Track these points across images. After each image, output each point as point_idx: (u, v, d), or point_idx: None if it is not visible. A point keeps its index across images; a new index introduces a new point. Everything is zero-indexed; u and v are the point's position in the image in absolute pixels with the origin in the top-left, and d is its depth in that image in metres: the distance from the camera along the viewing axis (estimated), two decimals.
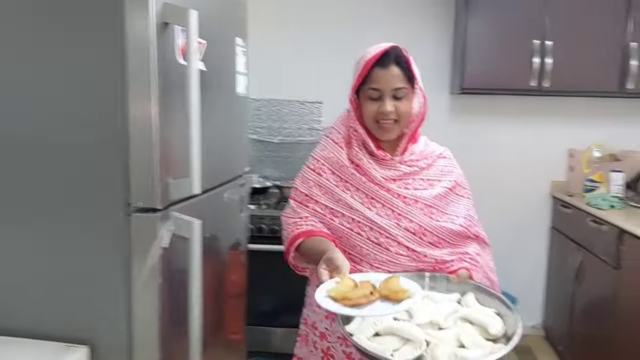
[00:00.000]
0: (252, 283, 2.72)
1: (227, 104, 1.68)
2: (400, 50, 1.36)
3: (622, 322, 2.37)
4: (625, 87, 2.89)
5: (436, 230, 1.38)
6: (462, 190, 1.50)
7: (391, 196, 1.36)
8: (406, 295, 1.08)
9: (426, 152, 1.47)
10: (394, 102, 1.34)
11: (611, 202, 2.75)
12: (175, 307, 1.30)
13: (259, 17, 3.29)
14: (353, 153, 1.39)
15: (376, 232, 1.33)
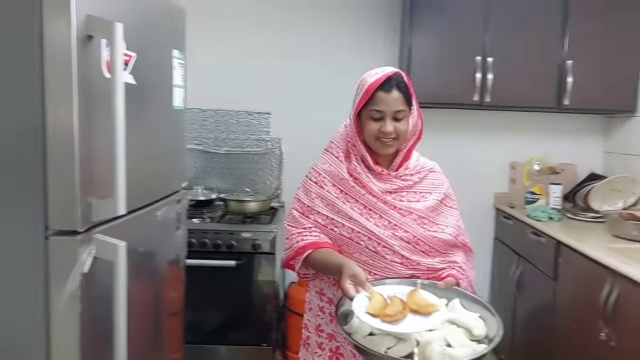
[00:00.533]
0: (195, 299, 2.65)
1: (162, 118, 1.63)
2: (401, 76, 1.49)
3: (559, 331, 2.43)
4: (562, 103, 2.99)
5: (428, 240, 1.50)
6: (450, 202, 1.63)
7: (388, 208, 1.48)
8: (434, 309, 1.24)
9: (419, 167, 1.60)
10: (394, 123, 1.46)
11: (550, 214, 2.83)
12: (100, 335, 1.24)
13: (206, 27, 3.25)
14: (352, 167, 1.52)
15: (374, 241, 1.45)
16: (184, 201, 1.84)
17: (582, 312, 2.21)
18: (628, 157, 3.08)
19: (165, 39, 1.64)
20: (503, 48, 2.96)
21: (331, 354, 1.55)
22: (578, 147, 3.36)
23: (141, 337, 1.59)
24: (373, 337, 1.24)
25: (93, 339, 1.21)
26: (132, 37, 1.34)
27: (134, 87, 1.35)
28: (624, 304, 1.92)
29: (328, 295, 1.56)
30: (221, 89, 3.30)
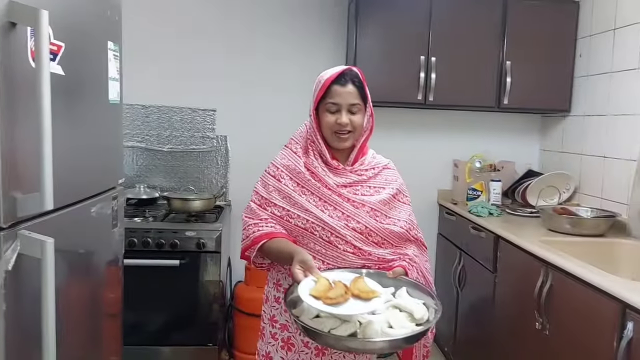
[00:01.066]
0: (137, 300, 2.59)
1: (96, 112, 1.57)
2: (356, 72, 1.59)
3: (498, 322, 2.51)
4: (501, 103, 3.09)
5: (380, 231, 1.58)
6: (403, 198, 1.70)
7: (342, 200, 1.55)
8: (375, 295, 1.31)
9: (374, 163, 1.68)
10: (350, 116, 1.55)
11: (490, 209, 2.92)
12: (28, 335, 1.18)
13: (150, 21, 3.18)
14: (309, 161, 1.59)
15: (327, 231, 1.52)
16: (121, 198, 1.78)
17: (519, 303, 2.29)
18: (563, 154, 3.22)
19: (98, 30, 1.59)
20: (446, 48, 3.04)
21: (283, 343, 1.61)
22: (516, 145, 3.49)
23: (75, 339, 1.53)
24: (318, 318, 1.32)
25: (19, 339, 1.16)
26: (61, 26, 1.29)
27: (63, 78, 1.30)
28: (557, 295, 2.00)
29: (284, 286, 1.60)
30: (165, 85, 3.23)
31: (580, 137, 3.04)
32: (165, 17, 3.21)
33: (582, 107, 3.03)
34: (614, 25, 2.74)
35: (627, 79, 2.63)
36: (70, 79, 1.35)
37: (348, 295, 1.29)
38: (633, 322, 1.55)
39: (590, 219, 2.54)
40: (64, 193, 1.29)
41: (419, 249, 1.70)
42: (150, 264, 2.62)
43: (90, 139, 1.53)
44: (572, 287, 1.89)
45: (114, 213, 1.72)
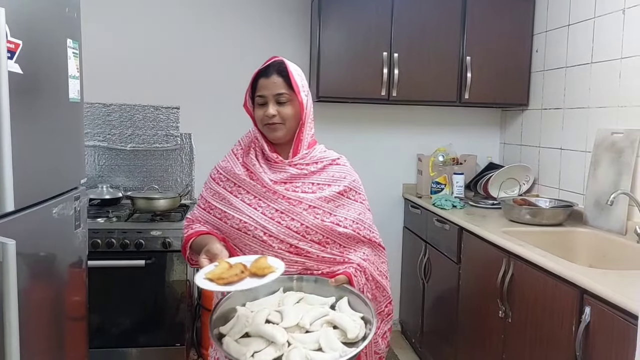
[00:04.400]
0: (102, 301, 2.55)
1: (56, 110, 1.54)
2: (283, 63, 1.54)
3: (463, 311, 2.57)
4: (462, 97, 3.16)
5: (319, 229, 1.50)
6: (355, 195, 1.61)
7: (277, 197, 1.50)
8: (270, 270, 1.24)
9: (318, 158, 1.59)
10: (278, 107, 1.51)
11: (453, 202, 2.98)
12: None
13: (110, 18, 3.12)
14: (248, 160, 1.56)
15: (260, 230, 1.47)
16: (83, 198, 1.75)
17: (482, 292, 2.35)
18: (522, 147, 3.31)
19: (57, 28, 1.55)
20: (408, 44, 3.08)
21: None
22: (478, 138, 3.57)
23: (39, 344, 1.50)
24: (248, 338, 1.23)
25: None
26: (18, 24, 1.25)
27: (21, 77, 1.27)
28: (518, 283, 2.06)
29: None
30: (126, 82, 3.18)
31: (538, 130, 3.13)
32: (126, 13, 3.15)
33: (540, 101, 3.13)
34: (568, 22, 2.84)
35: (581, 73, 2.72)
36: (29, 78, 1.32)
37: (245, 274, 1.23)
38: (590, 307, 1.62)
39: (548, 209, 2.62)
40: (25, 194, 1.26)
41: (373, 250, 1.62)
42: (115, 264, 2.58)
43: (51, 138, 1.50)
44: (532, 275, 1.96)
45: (77, 214, 1.68)
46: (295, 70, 1.55)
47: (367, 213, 1.63)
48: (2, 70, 1.06)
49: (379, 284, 1.59)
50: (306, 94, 1.55)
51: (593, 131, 2.58)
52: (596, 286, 1.60)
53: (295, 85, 1.52)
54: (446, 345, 2.77)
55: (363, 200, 1.64)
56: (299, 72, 1.57)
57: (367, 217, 1.62)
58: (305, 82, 1.57)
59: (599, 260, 2.27)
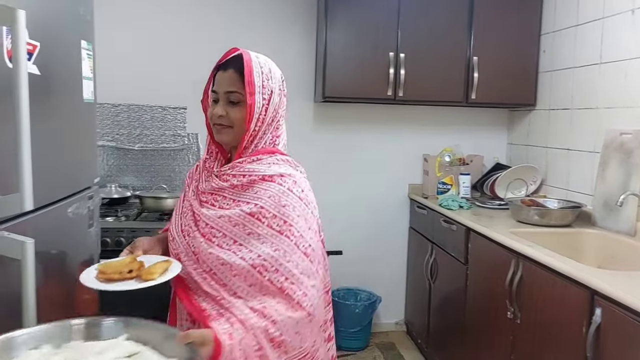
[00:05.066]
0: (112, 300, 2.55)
1: (71, 111, 1.55)
2: (241, 55, 1.30)
3: (471, 313, 2.58)
4: (469, 98, 3.16)
5: (206, 257, 1.21)
6: (277, 223, 1.18)
7: (188, 211, 1.32)
8: (151, 277, 1.13)
9: (248, 170, 1.25)
10: (228, 107, 1.28)
11: (460, 202, 2.98)
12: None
13: (119, 19, 3.13)
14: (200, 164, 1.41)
15: (172, 244, 1.34)
16: (96, 198, 1.76)
17: (490, 293, 2.35)
18: (529, 147, 3.32)
19: (72, 29, 1.56)
20: (415, 44, 3.09)
21: None
22: (485, 139, 3.57)
23: None
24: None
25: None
26: (35, 26, 1.26)
27: (38, 79, 1.28)
28: (527, 284, 2.07)
29: None
30: (134, 83, 3.19)
31: (546, 130, 3.13)
32: (134, 14, 3.16)
33: (547, 101, 3.13)
34: (576, 22, 2.84)
35: (589, 74, 2.73)
36: (45, 79, 1.33)
37: (130, 275, 1.13)
38: (601, 308, 1.62)
39: (557, 210, 2.62)
40: (42, 193, 1.27)
41: (289, 309, 1.14)
42: None
43: (66, 138, 1.51)
44: (541, 276, 1.96)
45: (90, 213, 1.69)
46: (259, 66, 1.28)
47: (292, 254, 1.17)
48: (22, 72, 1.07)
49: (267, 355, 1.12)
50: (265, 95, 1.27)
51: (601, 132, 2.58)
52: (607, 287, 1.60)
53: (248, 84, 1.25)
54: (453, 346, 2.78)
55: (292, 235, 1.18)
56: (267, 70, 1.30)
57: (290, 259, 1.16)
58: (271, 83, 1.29)
59: (608, 261, 2.28)
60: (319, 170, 3.43)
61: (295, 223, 1.19)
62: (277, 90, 1.31)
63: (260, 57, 1.32)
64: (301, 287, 1.15)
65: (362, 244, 3.52)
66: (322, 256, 1.29)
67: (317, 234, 1.26)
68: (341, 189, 3.46)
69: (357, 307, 3.28)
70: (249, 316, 1.12)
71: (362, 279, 3.52)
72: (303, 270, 1.17)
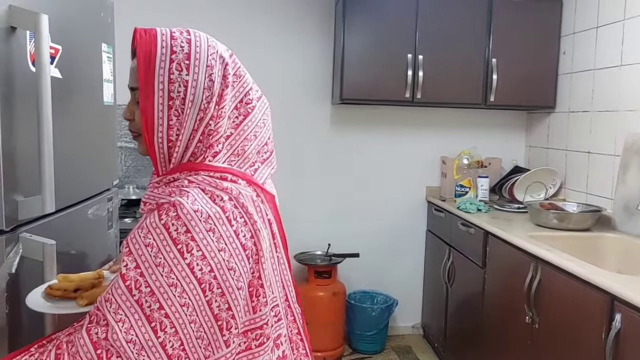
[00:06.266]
0: None
1: (92, 114, 1.58)
2: (138, 36, 0.94)
3: (488, 316, 2.56)
4: (488, 100, 3.14)
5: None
6: (126, 262, 0.86)
7: None
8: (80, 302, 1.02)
9: (153, 196, 0.95)
10: (135, 108, 0.99)
11: (478, 205, 2.96)
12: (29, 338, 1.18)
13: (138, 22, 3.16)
14: None
15: None
16: (115, 199, 1.79)
17: (508, 297, 2.33)
18: (548, 150, 3.28)
19: (93, 33, 1.59)
20: (433, 46, 3.07)
21: None
22: (503, 141, 3.54)
23: None
24: None
25: (21, 342, 1.16)
26: (57, 30, 1.29)
27: (60, 82, 1.30)
28: (546, 288, 2.04)
29: None
30: None
31: (565, 133, 3.09)
32: (151, 17, 3.20)
33: (567, 103, 3.09)
34: (597, 24, 2.80)
35: (609, 75, 2.69)
36: (67, 82, 1.35)
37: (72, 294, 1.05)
38: (621, 314, 1.60)
39: (576, 213, 2.59)
40: (63, 196, 1.30)
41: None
42: None
43: (87, 141, 1.54)
44: (560, 280, 1.94)
45: (109, 214, 1.72)
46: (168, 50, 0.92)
47: (125, 291, 0.84)
48: (45, 75, 1.09)
49: None
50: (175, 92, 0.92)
51: (622, 134, 2.54)
52: (627, 292, 1.58)
53: (140, 78, 0.93)
54: (470, 350, 2.75)
55: (132, 267, 0.85)
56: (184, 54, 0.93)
57: (123, 296, 0.84)
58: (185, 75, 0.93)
59: (628, 266, 2.24)
60: (336, 171, 3.43)
61: (147, 268, 0.85)
62: (205, 83, 0.94)
63: (178, 34, 0.95)
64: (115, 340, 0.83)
65: (379, 247, 3.51)
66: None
67: (187, 285, 0.85)
68: (358, 190, 3.46)
69: (373, 310, 3.27)
70: (59, 343, 0.89)
71: (378, 281, 3.51)
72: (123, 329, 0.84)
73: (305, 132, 3.32)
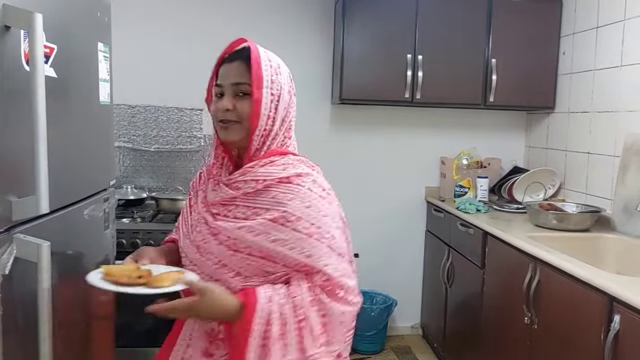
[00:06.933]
0: (128, 301, 2.57)
1: (88, 113, 1.57)
2: (248, 46, 1.21)
3: (487, 316, 2.55)
4: (487, 100, 3.13)
5: (236, 266, 1.14)
6: (303, 226, 1.11)
7: (203, 224, 1.20)
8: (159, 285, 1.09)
9: (262, 175, 1.15)
10: (235, 101, 1.16)
11: (477, 206, 2.95)
12: (24, 339, 1.18)
13: (135, 21, 3.16)
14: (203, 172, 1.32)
15: (187, 259, 1.22)
16: (112, 200, 1.78)
17: (507, 298, 2.32)
18: (548, 151, 3.27)
19: (89, 32, 1.58)
20: (432, 47, 3.07)
21: None
22: (503, 142, 3.53)
23: (68, 342, 1.53)
24: None
25: (15, 343, 1.15)
26: (52, 29, 1.28)
27: (55, 81, 1.29)
28: (545, 289, 2.03)
29: None
30: (151, 84, 3.21)
31: (565, 133, 3.08)
32: (152, 17, 3.19)
33: (566, 104, 3.08)
34: (597, 24, 2.79)
35: (609, 76, 2.68)
36: (62, 81, 1.34)
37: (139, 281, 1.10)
38: (620, 315, 1.59)
39: (576, 214, 2.58)
40: (58, 196, 1.29)
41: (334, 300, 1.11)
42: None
43: (83, 141, 1.53)
44: (560, 281, 1.93)
45: (106, 215, 1.71)
46: (268, 60, 1.19)
47: (332, 258, 1.13)
48: (39, 75, 1.08)
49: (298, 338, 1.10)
50: (274, 91, 1.17)
51: (622, 135, 2.53)
52: (626, 294, 1.57)
53: (256, 77, 1.15)
54: (469, 350, 2.75)
55: (324, 238, 1.13)
56: (277, 65, 1.21)
57: (328, 264, 1.12)
58: (280, 79, 1.20)
59: (628, 267, 2.23)
60: (336, 171, 3.40)
61: (323, 224, 1.13)
62: (287, 88, 1.21)
63: (268, 51, 1.23)
64: (348, 288, 1.13)
65: (379, 247, 3.50)
66: (352, 257, 1.21)
67: (344, 233, 1.19)
68: (358, 191, 3.44)
69: (372, 310, 3.26)
70: (298, 288, 1.11)
71: (378, 281, 3.50)
72: (343, 272, 1.14)
73: (305, 132, 3.26)
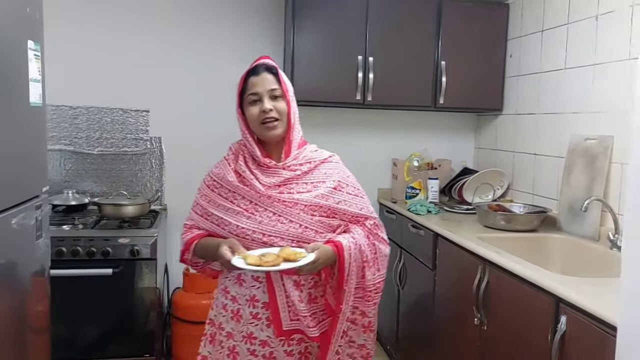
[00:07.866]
0: (69, 312, 2.45)
1: (16, 115, 1.46)
2: (269, 62, 1.62)
3: (438, 318, 2.55)
4: (437, 102, 3.15)
5: (314, 226, 1.57)
6: (352, 189, 1.67)
7: (272, 201, 1.53)
8: (302, 255, 1.44)
9: (310, 157, 1.63)
10: (273, 102, 1.55)
11: (428, 207, 2.96)
12: None
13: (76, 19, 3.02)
14: (238, 166, 1.58)
15: (259, 233, 1.51)
16: (45, 207, 1.67)
17: (458, 299, 2.33)
18: (497, 152, 3.32)
19: (17, 29, 1.47)
20: (383, 49, 3.06)
21: (229, 352, 1.60)
22: (453, 143, 3.57)
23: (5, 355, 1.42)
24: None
25: None
26: None
27: None
28: (494, 290, 2.04)
29: (232, 293, 1.60)
30: (94, 85, 3.08)
31: (513, 135, 3.14)
32: (93, 14, 3.06)
33: (514, 106, 3.14)
34: (542, 27, 2.85)
35: (554, 78, 2.74)
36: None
37: (280, 259, 1.40)
38: (566, 316, 1.60)
39: (523, 215, 2.62)
40: None
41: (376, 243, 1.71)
42: (81, 273, 2.49)
43: (10, 145, 1.42)
44: (508, 282, 1.94)
45: (38, 223, 1.60)
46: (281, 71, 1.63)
47: (367, 207, 1.69)
48: None
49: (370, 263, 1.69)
50: (291, 94, 1.61)
51: (567, 137, 2.59)
52: (572, 295, 1.58)
53: (283, 84, 1.58)
54: (421, 352, 2.75)
55: (361, 194, 1.70)
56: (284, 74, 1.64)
57: (369, 211, 1.69)
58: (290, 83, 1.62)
59: (572, 266, 2.28)
60: None
61: (359, 186, 1.72)
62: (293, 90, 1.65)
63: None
64: (383, 229, 1.75)
65: None
66: None
67: None
68: None
69: None
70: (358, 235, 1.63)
71: None
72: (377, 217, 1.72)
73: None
